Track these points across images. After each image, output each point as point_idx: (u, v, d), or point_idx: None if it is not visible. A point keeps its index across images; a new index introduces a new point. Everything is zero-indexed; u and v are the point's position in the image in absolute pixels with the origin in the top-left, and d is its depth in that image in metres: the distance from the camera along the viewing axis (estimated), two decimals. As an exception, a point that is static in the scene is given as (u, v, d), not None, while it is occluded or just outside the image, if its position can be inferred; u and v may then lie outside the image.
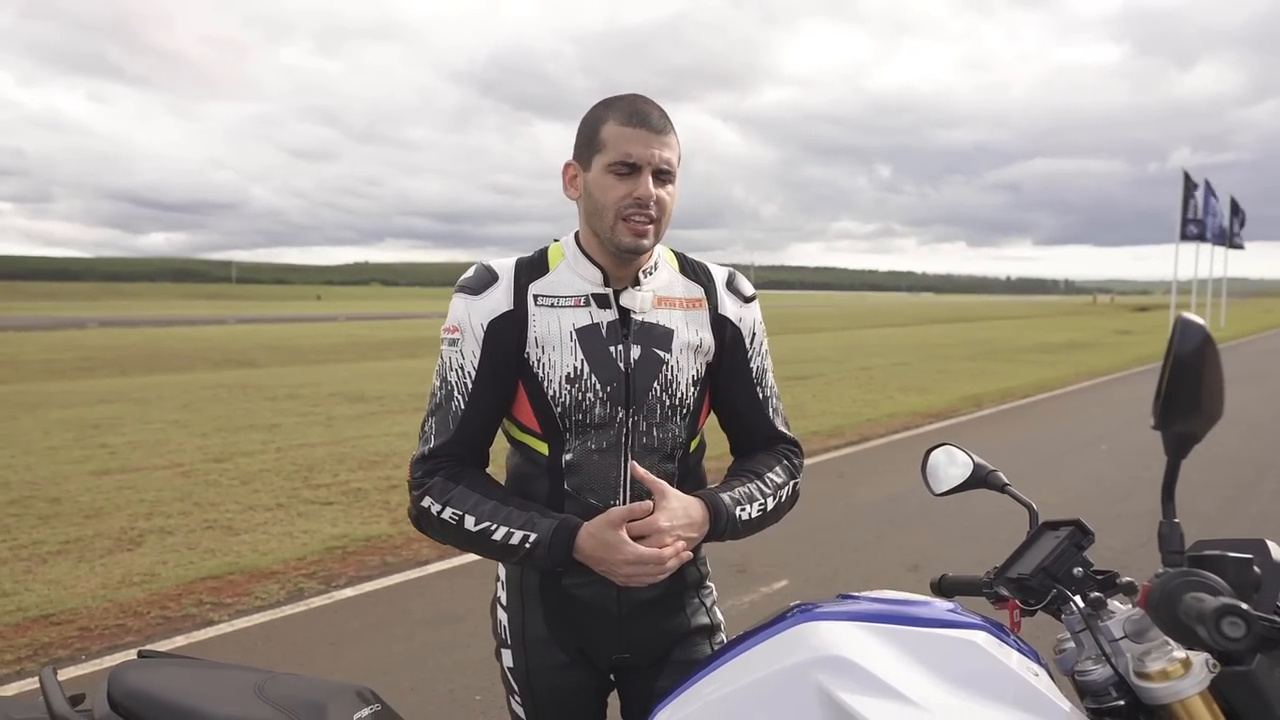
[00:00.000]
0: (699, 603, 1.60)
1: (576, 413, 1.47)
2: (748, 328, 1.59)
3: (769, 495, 1.53)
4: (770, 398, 1.62)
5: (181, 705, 1.14)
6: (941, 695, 0.98)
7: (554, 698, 1.56)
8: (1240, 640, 0.92)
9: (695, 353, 1.52)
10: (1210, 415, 1.02)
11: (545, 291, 1.49)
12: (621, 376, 1.47)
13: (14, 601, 4.35)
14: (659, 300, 1.52)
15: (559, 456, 1.49)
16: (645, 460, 1.49)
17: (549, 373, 1.47)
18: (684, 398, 1.50)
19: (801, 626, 1.06)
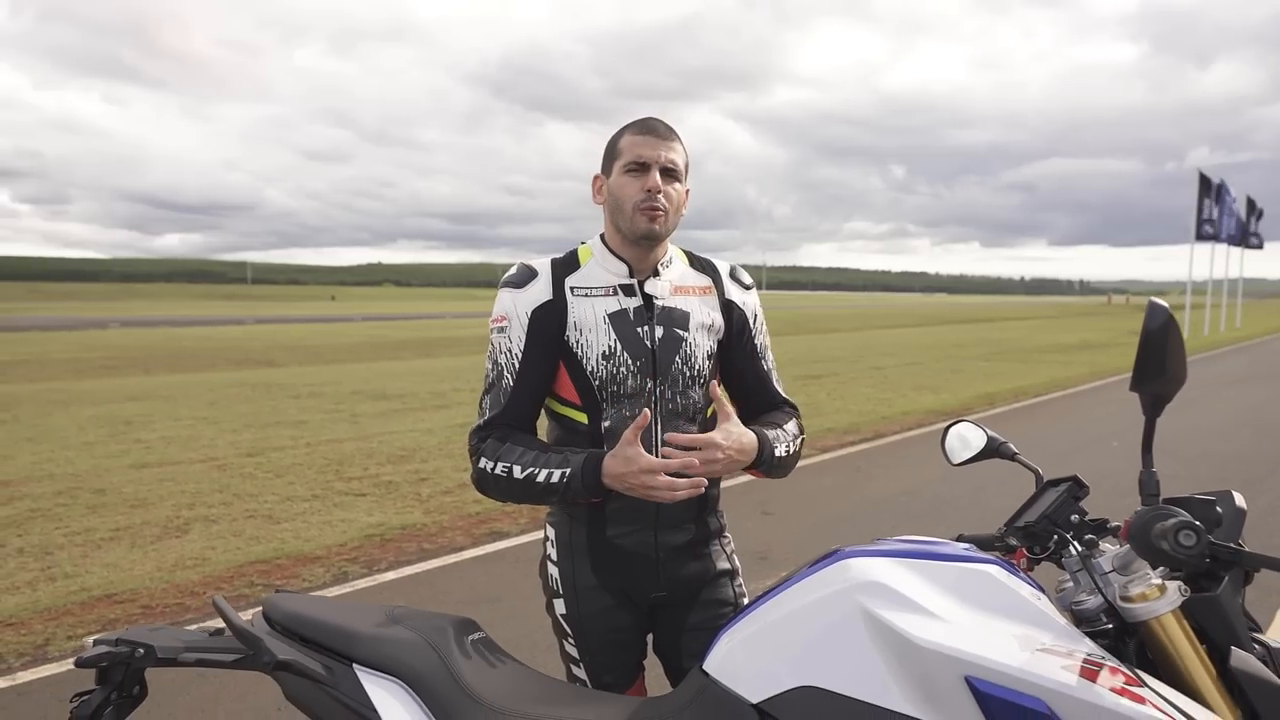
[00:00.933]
0: (720, 549, 1.88)
1: (612, 385, 1.74)
2: (750, 310, 1.90)
3: (791, 441, 1.82)
4: (771, 369, 1.92)
5: (331, 624, 1.36)
6: (962, 613, 1.19)
7: (602, 637, 1.81)
8: (1193, 548, 1.14)
9: (709, 331, 1.81)
10: (1175, 379, 1.23)
11: (579, 284, 1.78)
12: (649, 353, 1.75)
13: (77, 583, 4.61)
14: (675, 289, 1.81)
15: (598, 424, 1.76)
16: (672, 423, 1.77)
17: (587, 352, 1.74)
18: (701, 369, 1.78)
19: (843, 562, 1.27)
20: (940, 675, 1.13)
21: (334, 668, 1.33)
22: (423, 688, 1.31)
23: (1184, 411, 11.66)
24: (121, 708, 1.38)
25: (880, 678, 1.16)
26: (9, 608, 4.25)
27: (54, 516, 5.95)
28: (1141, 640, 1.25)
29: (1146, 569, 1.26)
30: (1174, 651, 1.21)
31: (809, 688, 1.19)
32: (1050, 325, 41.52)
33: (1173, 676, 1.21)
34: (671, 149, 1.74)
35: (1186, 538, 1.17)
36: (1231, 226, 32.15)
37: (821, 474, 7.63)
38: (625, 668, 1.84)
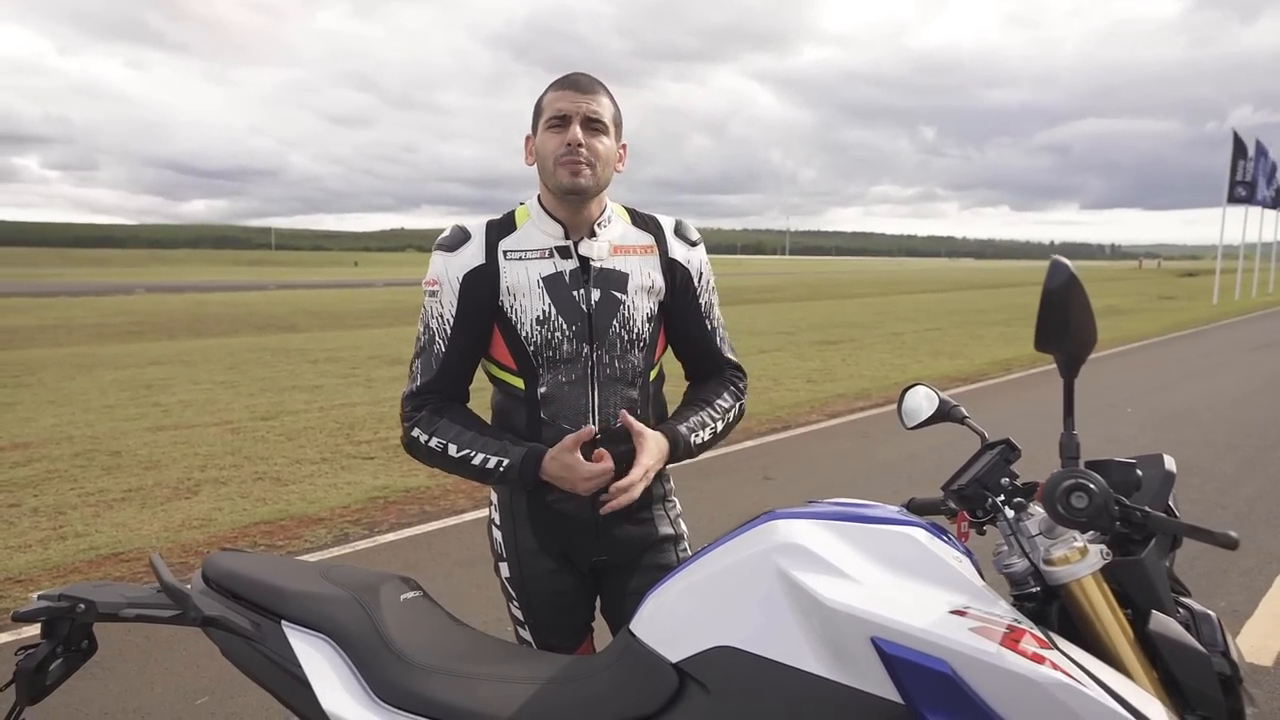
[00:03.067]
0: (663, 514, 1.87)
1: (547, 350, 1.71)
2: (695, 268, 1.82)
3: (718, 419, 1.82)
4: (717, 329, 1.87)
5: (264, 582, 1.39)
6: (876, 573, 1.18)
7: (545, 599, 1.82)
8: (1085, 510, 1.12)
9: (649, 293, 1.76)
10: (1082, 340, 1.21)
11: (513, 247, 1.73)
12: (584, 317, 1.71)
13: (86, 541, 4.72)
14: (615, 249, 1.75)
15: (534, 390, 1.73)
16: (610, 388, 1.73)
17: (521, 317, 1.71)
18: (640, 333, 1.75)
19: (769, 524, 1.27)
20: (848, 636, 1.14)
21: (262, 624, 1.36)
22: (349, 644, 1.33)
23: (1207, 377, 11.49)
24: (70, 660, 1.42)
25: (794, 639, 1.17)
26: (20, 565, 4.36)
27: (70, 478, 6.08)
28: (1064, 603, 1.24)
29: (1073, 533, 1.25)
30: (1092, 614, 1.21)
31: (726, 648, 1.20)
32: (1077, 290, 40.89)
33: (1091, 639, 1.21)
34: (594, 101, 1.67)
35: (1078, 499, 1.17)
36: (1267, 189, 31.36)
37: (828, 439, 7.62)
38: (570, 630, 1.85)
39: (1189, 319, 22.34)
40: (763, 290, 38.50)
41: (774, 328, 18.65)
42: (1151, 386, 10.65)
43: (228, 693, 3.11)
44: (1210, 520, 5.14)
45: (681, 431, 1.73)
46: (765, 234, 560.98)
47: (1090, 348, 1.24)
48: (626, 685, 1.26)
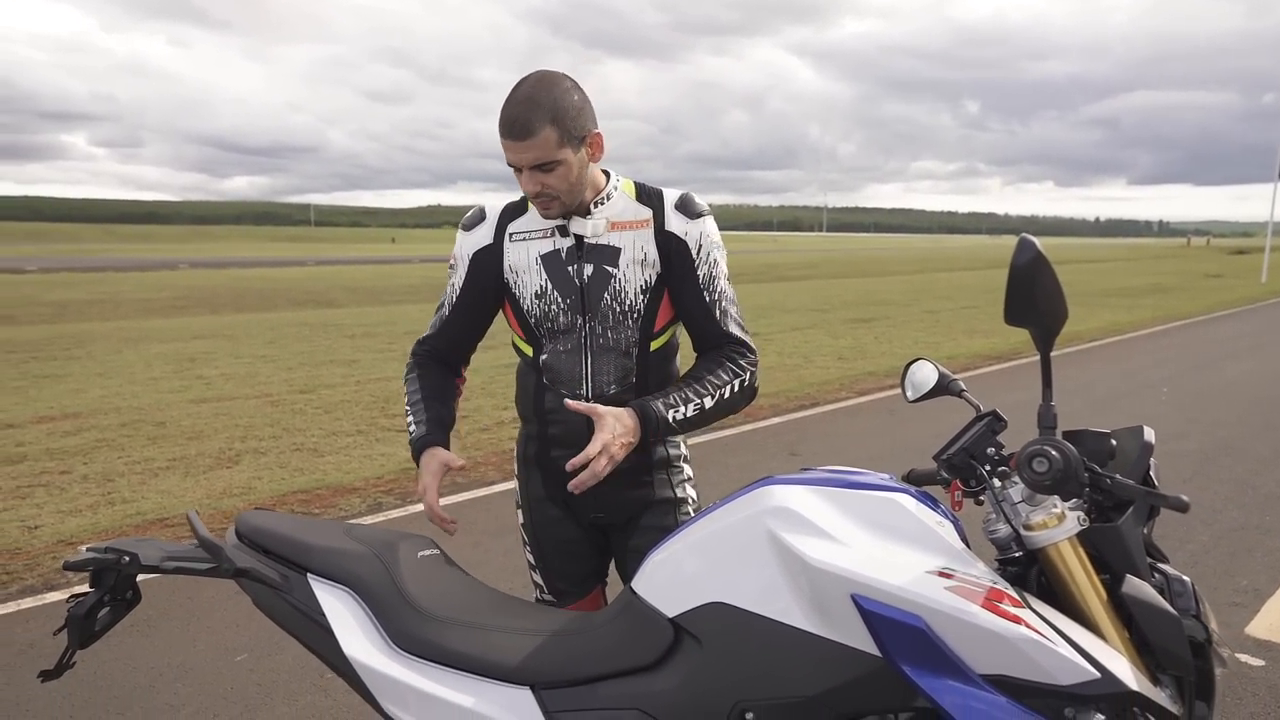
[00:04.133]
0: (665, 479, 1.92)
1: (546, 322, 1.84)
2: (694, 241, 1.82)
3: (706, 394, 1.78)
4: (718, 301, 1.85)
5: (291, 538, 1.49)
6: (861, 536, 1.25)
7: (552, 545, 1.95)
8: (1045, 474, 1.17)
9: (641, 266, 1.81)
10: (1051, 315, 1.25)
11: (519, 229, 1.87)
12: (577, 290, 1.82)
13: (133, 507, 4.92)
14: (612, 225, 1.82)
15: (539, 357, 1.87)
16: (604, 358, 1.82)
17: (523, 291, 1.86)
18: (633, 305, 1.81)
19: (764, 489, 1.34)
20: (831, 593, 1.20)
21: (289, 576, 1.46)
22: (369, 595, 1.43)
23: (1248, 357, 11.27)
24: (116, 610, 1.53)
25: (781, 595, 1.23)
26: (71, 528, 4.57)
27: (117, 446, 6.31)
28: (1043, 568, 1.30)
29: (1053, 499, 1.30)
30: (1068, 577, 1.26)
31: (719, 604, 1.27)
32: (1121, 268, 40.09)
33: (1067, 601, 1.26)
34: (532, 146, 1.67)
35: (1039, 464, 1.22)
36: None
37: (854, 416, 7.63)
38: (578, 576, 1.96)
39: (1235, 298, 21.82)
40: (798, 267, 38.22)
41: (807, 305, 18.57)
42: (1190, 366, 10.48)
43: (265, 651, 3.26)
44: (1238, 500, 5.11)
45: (655, 407, 1.72)
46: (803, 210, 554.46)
47: (1061, 322, 1.29)
48: (626, 638, 1.34)
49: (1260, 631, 3.42)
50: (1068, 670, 1.13)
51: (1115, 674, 1.14)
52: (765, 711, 1.22)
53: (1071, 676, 1.13)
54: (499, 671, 1.35)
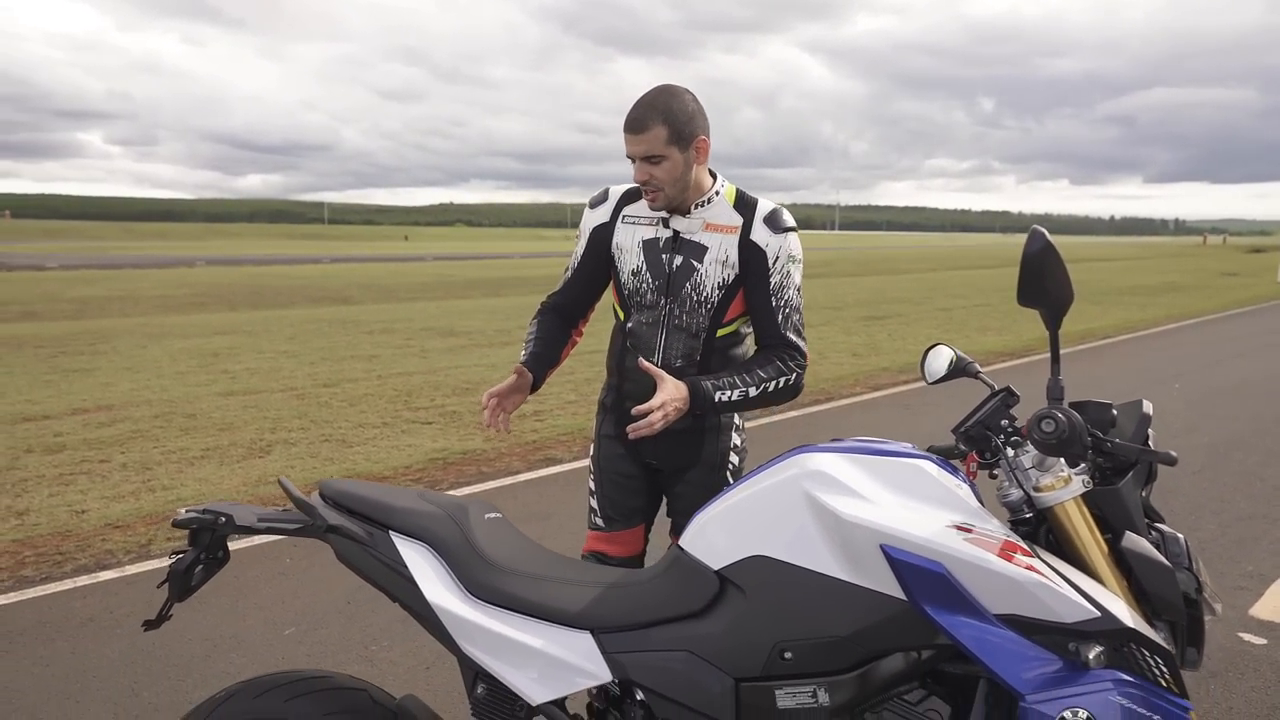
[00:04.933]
0: (714, 444, 2.19)
1: (636, 296, 2.16)
2: (773, 252, 2.09)
3: (751, 385, 2.05)
4: (782, 307, 2.10)
5: (374, 500, 1.65)
6: (887, 495, 1.39)
7: (610, 477, 2.26)
8: (1053, 434, 1.32)
9: (722, 265, 2.09)
10: (1059, 298, 1.40)
11: (632, 214, 2.18)
12: (665, 276, 2.12)
13: (173, 493, 5.11)
14: (707, 225, 2.11)
15: (627, 324, 2.20)
16: (676, 335, 2.12)
17: (623, 267, 2.18)
18: (709, 296, 2.10)
19: (800, 455, 1.49)
20: (862, 544, 1.35)
21: (374, 533, 1.61)
22: (444, 550, 1.58)
23: (1260, 355, 11.33)
24: (209, 567, 1.69)
25: (817, 548, 1.38)
26: (117, 513, 4.76)
27: (151, 437, 6.50)
28: (1050, 526, 1.44)
29: (1060, 464, 1.44)
30: (1074, 533, 1.40)
31: (760, 557, 1.42)
32: (1136, 267, 39.94)
33: (1073, 555, 1.40)
34: (646, 139, 1.99)
35: (1047, 425, 1.36)
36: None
37: (870, 410, 7.76)
38: (627, 510, 2.24)
39: (1249, 296, 21.80)
40: (811, 265, 38.17)
41: (821, 303, 18.68)
42: (1203, 363, 10.56)
43: (311, 625, 3.43)
44: (1247, 491, 5.22)
45: (705, 385, 1.99)
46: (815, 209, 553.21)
47: (1068, 304, 1.43)
48: (676, 589, 1.49)
49: (1264, 613, 3.54)
50: (1072, 609, 1.28)
51: (1114, 613, 1.28)
52: (802, 650, 1.37)
53: (1075, 615, 1.27)
54: (562, 617, 1.50)
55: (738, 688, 1.41)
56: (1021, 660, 1.28)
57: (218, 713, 1.62)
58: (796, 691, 1.38)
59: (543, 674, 1.48)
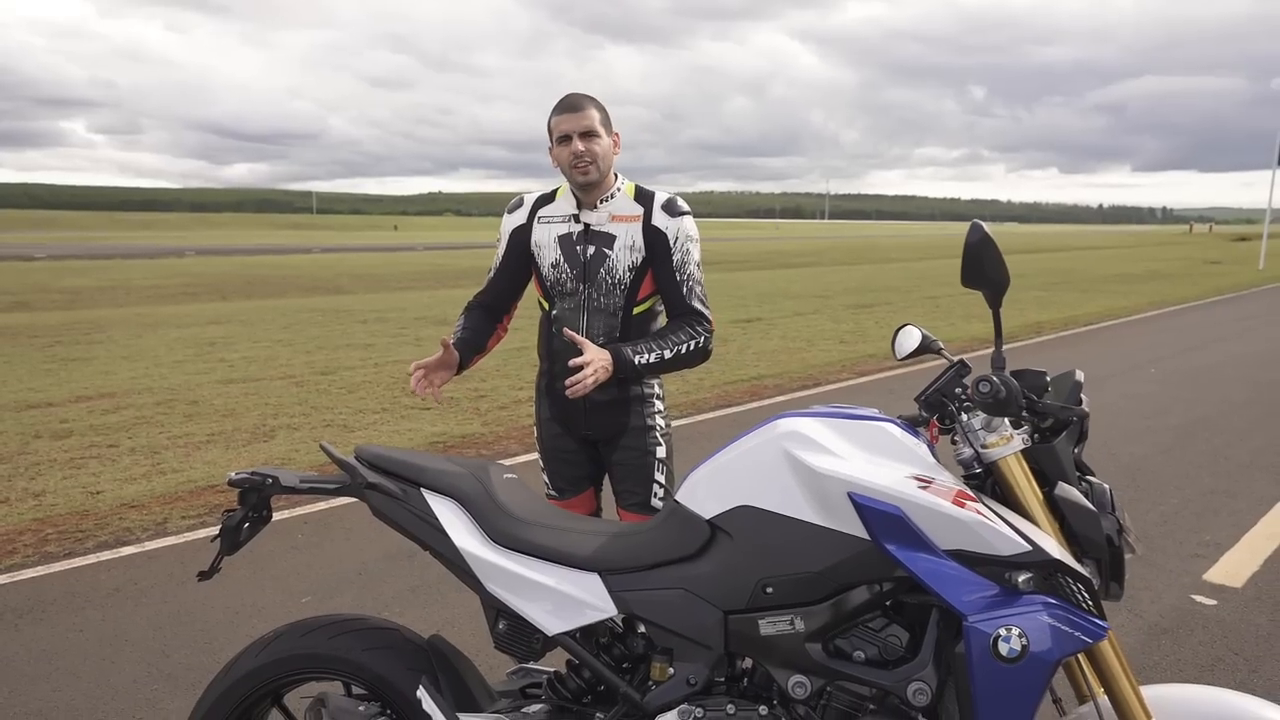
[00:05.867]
0: (639, 412, 2.45)
1: (557, 286, 2.42)
2: (672, 234, 2.38)
3: (665, 349, 2.33)
4: (686, 281, 2.39)
5: (406, 461, 1.85)
6: (855, 452, 1.60)
7: (554, 454, 2.53)
8: (989, 393, 1.54)
9: (630, 250, 2.37)
10: (997, 282, 1.61)
11: (546, 214, 2.45)
12: (581, 265, 2.38)
13: (183, 475, 5.30)
14: (613, 217, 2.39)
15: (551, 312, 2.46)
16: (597, 316, 2.39)
17: (542, 261, 2.44)
18: (621, 278, 2.38)
19: (778, 420, 1.70)
20: (832, 493, 1.56)
21: (408, 490, 1.81)
22: (470, 504, 1.78)
23: (1237, 340, 11.63)
24: (255, 525, 1.89)
25: (794, 498, 1.59)
26: (131, 494, 4.95)
27: (156, 423, 6.68)
28: (995, 479, 1.65)
29: (1005, 425, 1.65)
30: (1014, 484, 1.61)
31: (746, 506, 1.62)
32: (1122, 255, 40.36)
33: (1014, 503, 1.61)
34: (585, 117, 2.29)
35: (983, 386, 1.58)
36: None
37: (855, 395, 8.00)
38: (574, 480, 2.53)
39: (1231, 284, 22.16)
40: (801, 255, 38.55)
41: (810, 291, 18.92)
42: (1181, 348, 10.84)
43: (326, 594, 3.64)
44: (1211, 468, 5.48)
45: (625, 350, 2.27)
46: (804, 198, 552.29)
47: (1005, 287, 1.64)
48: (673, 536, 1.69)
49: (1216, 578, 3.80)
50: (1008, 544, 1.49)
51: (1043, 548, 1.50)
52: (781, 585, 1.59)
53: (1010, 549, 1.49)
54: (574, 560, 1.71)
55: (726, 619, 1.63)
56: (966, 588, 1.49)
57: (269, 649, 1.83)
58: (776, 620, 1.59)
59: (557, 609, 1.69)
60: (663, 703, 1.66)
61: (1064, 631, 1.47)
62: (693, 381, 8.36)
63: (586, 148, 2.28)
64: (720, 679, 1.69)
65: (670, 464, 2.52)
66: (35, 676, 3.02)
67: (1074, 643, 1.47)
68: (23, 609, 3.53)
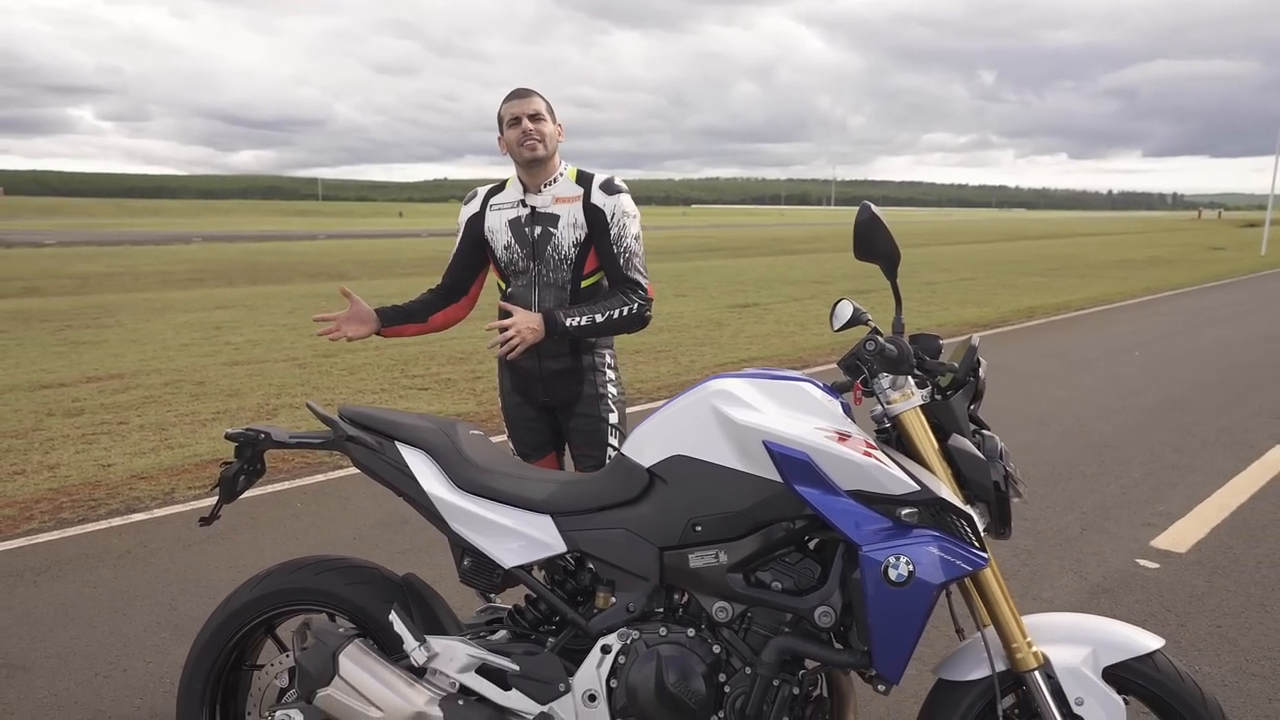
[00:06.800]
0: (591, 379, 2.69)
1: (510, 266, 2.66)
2: (610, 210, 2.60)
3: (597, 313, 2.54)
4: (623, 253, 2.61)
5: (383, 418, 2.07)
6: (774, 408, 1.82)
7: (516, 421, 2.80)
8: (873, 353, 1.75)
9: (573, 228, 2.61)
10: (888, 255, 1.82)
11: (497, 202, 2.70)
12: (530, 244, 2.63)
13: (190, 450, 5.55)
14: (556, 199, 2.62)
15: (507, 290, 2.69)
16: (548, 291, 2.61)
17: (496, 244, 2.68)
18: (567, 254, 2.62)
19: (711, 381, 1.91)
20: (751, 442, 1.77)
21: (383, 443, 2.03)
22: (438, 455, 2.00)
23: (1226, 324, 11.80)
24: (250, 476, 2.12)
25: (720, 447, 1.80)
26: (141, 466, 5.20)
27: (164, 402, 6.94)
28: (898, 431, 1.86)
29: (909, 384, 1.86)
30: (914, 435, 1.82)
31: (679, 455, 1.84)
32: (1127, 241, 40.34)
33: (914, 453, 1.82)
34: (532, 103, 2.57)
35: (870, 345, 1.79)
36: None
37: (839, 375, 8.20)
38: (536, 444, 2.79)
39: (1231, 269, 22.26)
40: (804, 241, 38.64)
41: (810, 277, 19.09)
42: (1168, 332, 11.01)
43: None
44: (1176, 445, 5.69)
45: (557, 314, 2.52)
46: (811, 184, 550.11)
47: (897, 260, 1.85)
48: (616, 483, 1.91)
49: (1162, 544, 4.01)
50: (899, 485, 1.71)
51: (931, 488, 1.71)
52: (708, 524, 1.81)
53: (902, 488, 1.71)
54: (529, 504, 1.93)
55: (661, 554, 1.84)
56: (862, 522, 1.70)
57: (262, 584, 2.06)
58: (704, 554, 1.81)
59: (514, 546, 1.91)
60: (605, 626, 1.89)
61: (947, 560, 1.69)
62: (684, 363, 8.58)
63: (535, 127, 2.54)
64: (659, 609, 1.92)
65: (623, 429, 2.74)
66: (54, 625, 3.28)
67: (955, 570, 1.69)
68: (41, 568, 3.78)
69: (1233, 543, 4.05)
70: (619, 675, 1.87)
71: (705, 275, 19.48)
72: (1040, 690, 1.78)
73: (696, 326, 11.33)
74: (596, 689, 1.87)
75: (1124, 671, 1.78)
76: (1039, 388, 7.53)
